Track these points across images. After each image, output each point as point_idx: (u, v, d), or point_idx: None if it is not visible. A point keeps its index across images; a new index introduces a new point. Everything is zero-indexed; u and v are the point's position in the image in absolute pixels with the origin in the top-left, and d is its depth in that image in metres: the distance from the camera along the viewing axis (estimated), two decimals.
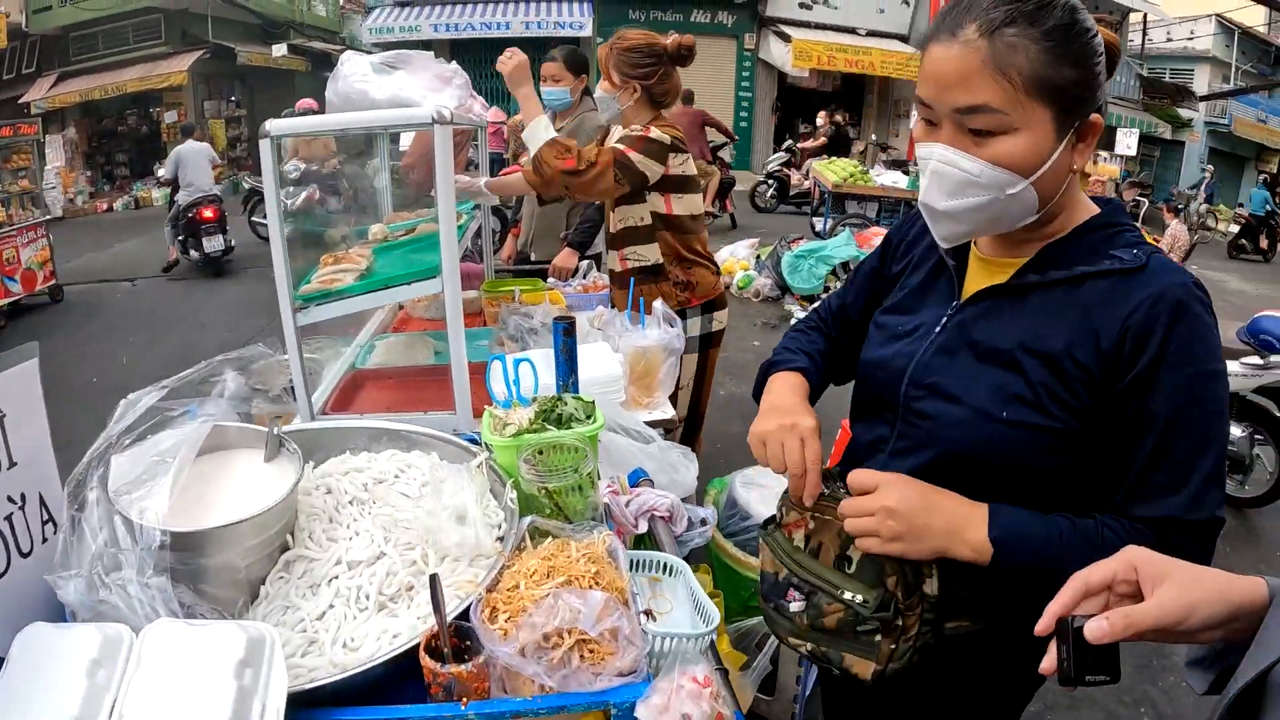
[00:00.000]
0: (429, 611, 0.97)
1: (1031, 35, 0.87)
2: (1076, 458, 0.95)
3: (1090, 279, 0.93)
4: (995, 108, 0.87)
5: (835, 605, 1.01)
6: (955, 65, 0.88)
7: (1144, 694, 2.71)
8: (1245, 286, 11.41)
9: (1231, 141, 20.77)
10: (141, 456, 1.01)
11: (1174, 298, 0.88)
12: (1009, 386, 0.95)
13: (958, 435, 0.98)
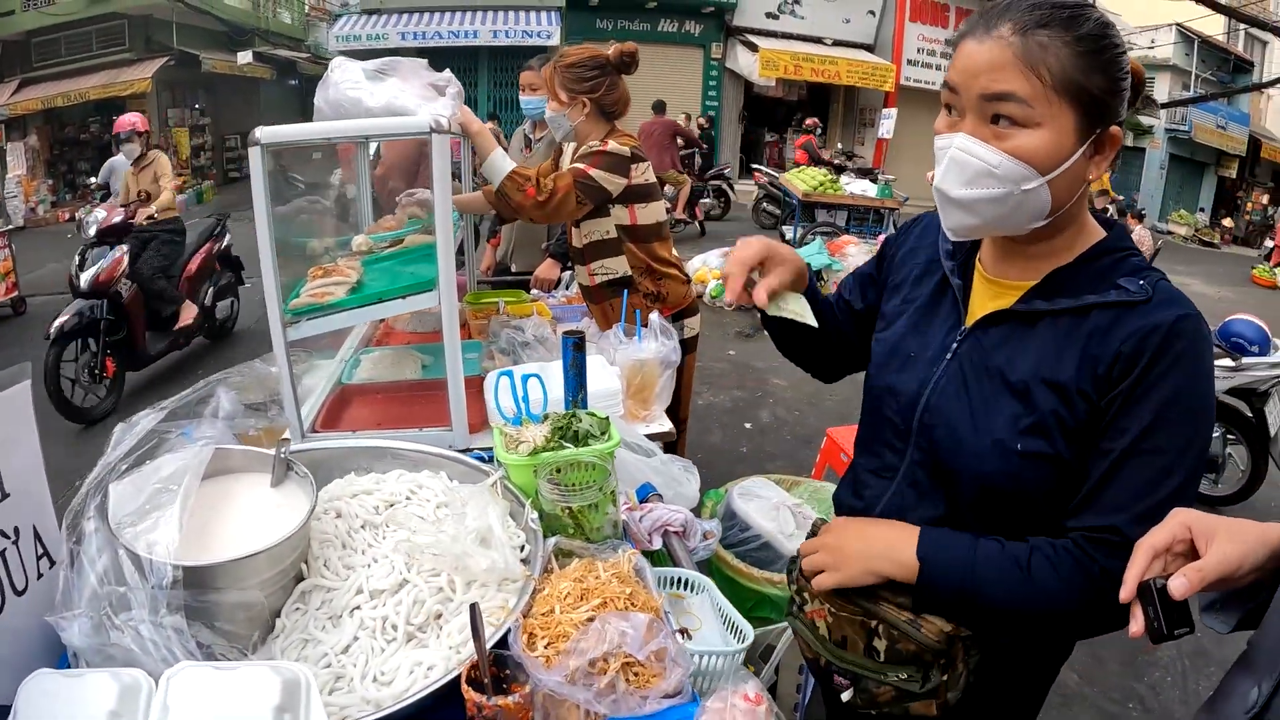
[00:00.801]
0: (460, 641, 0.92)
1: (1064, 39, 0.88)
2: (1074, 485, 0.95)
3: (1096, 308, 0.93)
4: (1021, 98, 0.88)
5: (885, 688, 1.01)
6: (987, 56, 0.89)
7: (1131, 690, 2.75)
8: (1207, 290, 11.81)
9: (1191, 148, 21.43)
10: (142, 484, 0.94)
11: (1166, 329, 0.89)
12: (1023, 418, 0.94)
13: (976, 467, 0.97)
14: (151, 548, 0.84)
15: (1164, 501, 0.87)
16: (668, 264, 2.52)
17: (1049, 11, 0.89)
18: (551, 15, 14.60)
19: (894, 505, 1.07)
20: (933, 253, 1.13)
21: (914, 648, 0.97)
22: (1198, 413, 0.90)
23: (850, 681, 1.03)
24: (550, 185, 2.21)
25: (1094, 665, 2.85)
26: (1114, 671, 2.84)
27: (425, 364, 2.16)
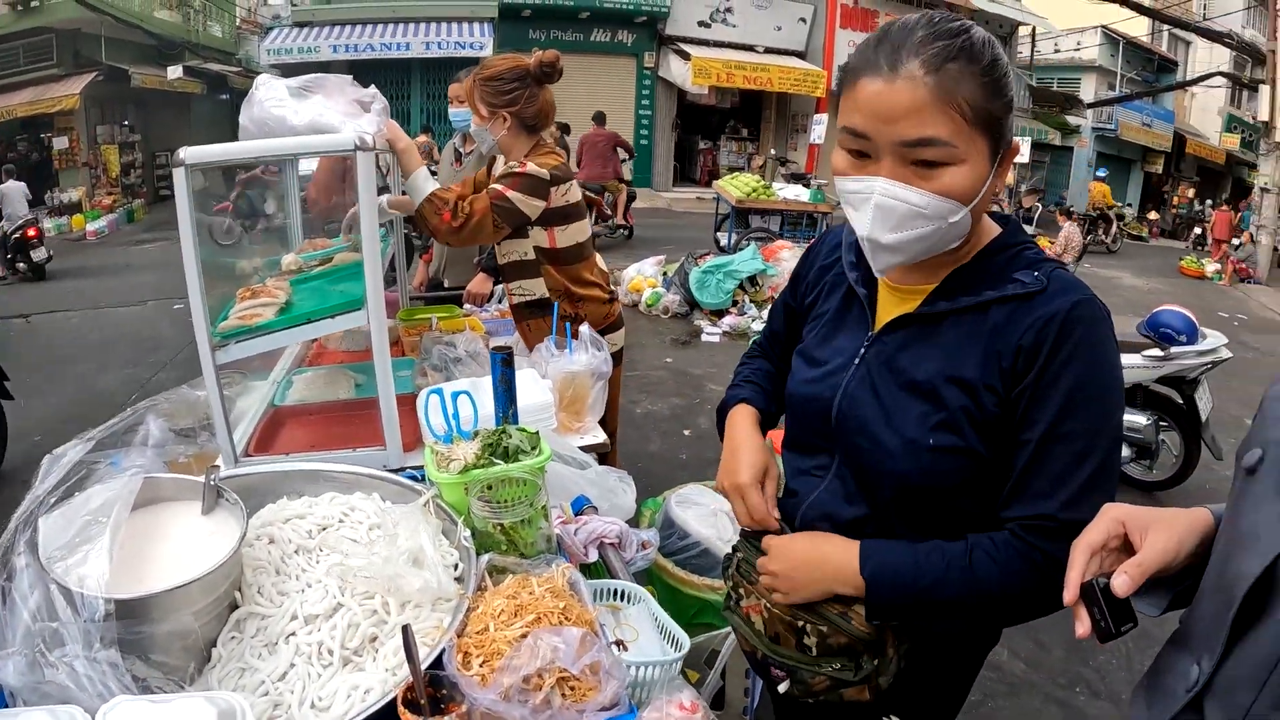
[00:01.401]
0: (396, 663, 0.94)
1: (972, 71, 0.89)
2: (992, 475, 1.00)
3: (996, 303, 0.98)
4: (945, 140, 0.89)
5: (820, 678, 1.06)
6: (904, 99, 0.88)
7: (1077, 675, 2.86)
8: (1136, 282, 12.33)
9: (1118, 145, 22.43)
10: (72, 517, 0.93)
11: (1062, 317, 0.93)
12: (931, 416, 0.98)
13: (892, 466, 1.01)
14: (83, 581, 0.84)
15: (1087, 482, 0.92)
16: (589, 284, 2.52)
17: (949, 43, 0.89)
18: (484, 26, 14.52)
19: (820, 502, 1.12)
20: (839, 268, 1.17)
21: (845, 640, 1.02)
22: (1105, 393, 0.94)
23: (787, 673, 1.08)
24: (467, 209, 2.17)
25: (1039, 652, 2.96)
26: (1059, 658, 2.95)
27: (358, 383, 2.15)
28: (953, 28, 0.91)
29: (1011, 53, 20.88)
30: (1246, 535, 0.72)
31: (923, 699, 1.17)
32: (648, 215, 13.71)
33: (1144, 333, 4.23)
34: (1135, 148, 22.66)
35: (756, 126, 18.58)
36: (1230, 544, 0.74)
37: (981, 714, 2.59)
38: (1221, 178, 24.88)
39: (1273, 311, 11.32)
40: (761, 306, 7.28)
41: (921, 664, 1.09)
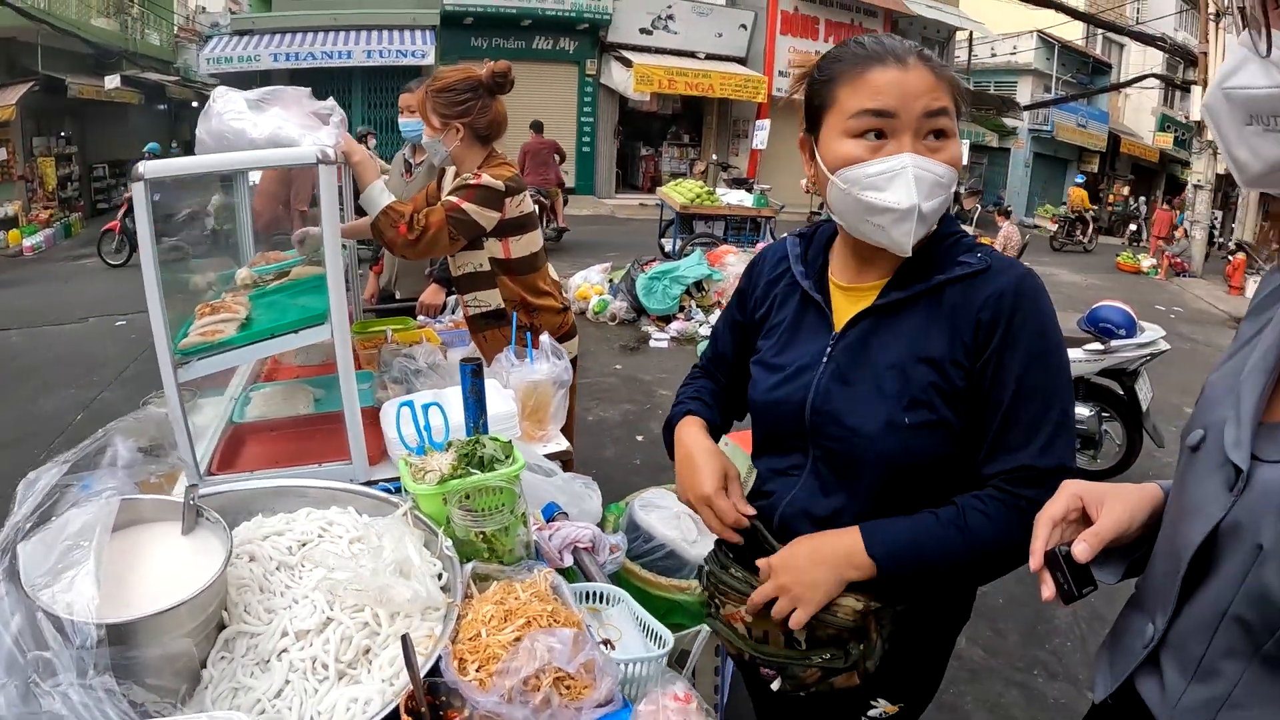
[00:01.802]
0: (392, 673, 0.96)
1: (941, 64, 1.06)
2: (966, 446, 1.08)
3: (947, 285, 1.08)
4: (950, 111, 1.04)
5: (811, 670, 1.11)
6: (918, 79, 1.02)
7: (1034, 658, 2.98)
8: (1075, 278, 12.82)
9: (1054, 146, 23.28)
10: (50, 543, 0.92)
11: (1012, 290, 1.04)
12: (905, 395, 1.06)
13: (874, 449, 1.08)
14: (71, 608, 0.83)
15: (1054, 430, 1.03)
16: (543, 294, 2.54)
17: (919, 44, 1.07)
18: (426, 34, 14.41)
19: (798, 500, 1.17)
20: (788, 278, 1.24)
21: (832, 631, 1.08)
22: (1055, 351, 1.06)
23: (776, 671, 1.13)
24: (423, 222, 2.17)
25: (997, 639, 3.07)
26: (1016, 643, 3.06)
27: (318, 397, 2.13)
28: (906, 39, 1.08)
29: (949, 57, 21.56)
30: (1191, 506, 0.80)
31: (905, 680, 1.23)
32: (591, 222, 13.76)
33: (1085, 328, 4.38)
34: (1071, 148, 23.60)
35: (698, 132, 18.80)
36: (1177, 515, 0.82)
37: (945, 700, 2.68)
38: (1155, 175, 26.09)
39: (1207, 303, 11.96)
40: (708, 311, 7.38)
41: (901, 646, 1.15)
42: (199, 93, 18.12)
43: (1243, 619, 0.73)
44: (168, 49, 17.94)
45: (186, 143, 19.08)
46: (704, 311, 7.40)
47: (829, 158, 1.07)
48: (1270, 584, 0.69)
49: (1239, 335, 0.88)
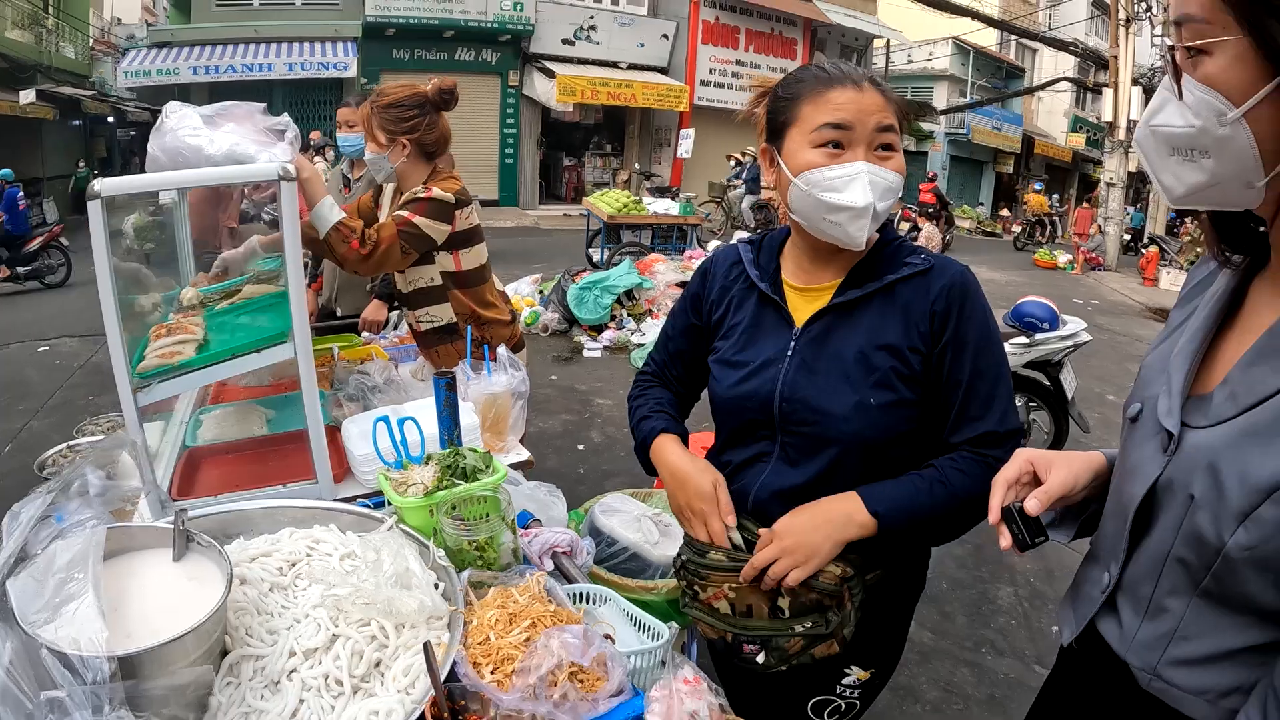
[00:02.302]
0: (407, 683, 0.96)
1: (888, 88, 1.21)
2: (923, 421, 1.23)
3: (898, 284, 1.22)
4: (896, 129, 1.19)
5: (794, 640, 1.20)
6: (871, 99, 1.17)
7: (981, 637, 3.12)
8: (995, 275, 13.30)
9: (970, 148, 24.29)
10: (41, 577, 0.89)
11: (958, 284, 1.21)
12: (869, 379, 1.20)
13: (845, 429, 1.20)
14: (78, 643, 0.81)
15: (1007, 400, 1.21)
16: (493, 306, 2.55)
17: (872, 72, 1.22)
18: (348, 46, 14.13)
19: (769, 483, 1.28)
20: (742, 281, 1.36)
21: (815, 596, 1.18)
22: (994, 331, 1.23)
23: (760, 645, 1.21)
24: (375, 237, 2.15)
25: (944, 622, 3.19)
26: (963, 624, 3.19)
27: (269, 418, 2.08)
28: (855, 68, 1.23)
29: (867, 64, 22.29)
30: (1133, 468, 0.92)
31: (875, 647, 1.34)
32: (516, 234, 13.65)
33: (1009, 323, 4.58)
34: (986, 150, 24.71)
35: (620, 142, 18.90)
36: (1121, 477, 0.95)
37: (899, 683, 2.78)
38: (1069, 174, 27.51)
39: (1122, 295, 12.70)
40: (640, 320, 7.45)
41: (871, 614, 1.26)
42: (116, 107, 17.27)
43: (1183, 560, 0.85)
44: (83, 63, 17.09)
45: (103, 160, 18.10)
46: (635, 320, 7.46)
47: (792, 164, 1.20)
48: (1203, 527, 0.81)
49: (1169, 322, 1.00)
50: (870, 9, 21.07)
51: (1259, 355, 0.83)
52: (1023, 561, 3.73)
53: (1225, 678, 0.84)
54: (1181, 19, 0.77)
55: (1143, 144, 0.84)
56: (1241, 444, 0.80)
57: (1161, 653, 0.88)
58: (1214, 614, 0.84)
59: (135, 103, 17.89)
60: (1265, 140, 0.75)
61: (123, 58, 14.35)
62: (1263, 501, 0.76)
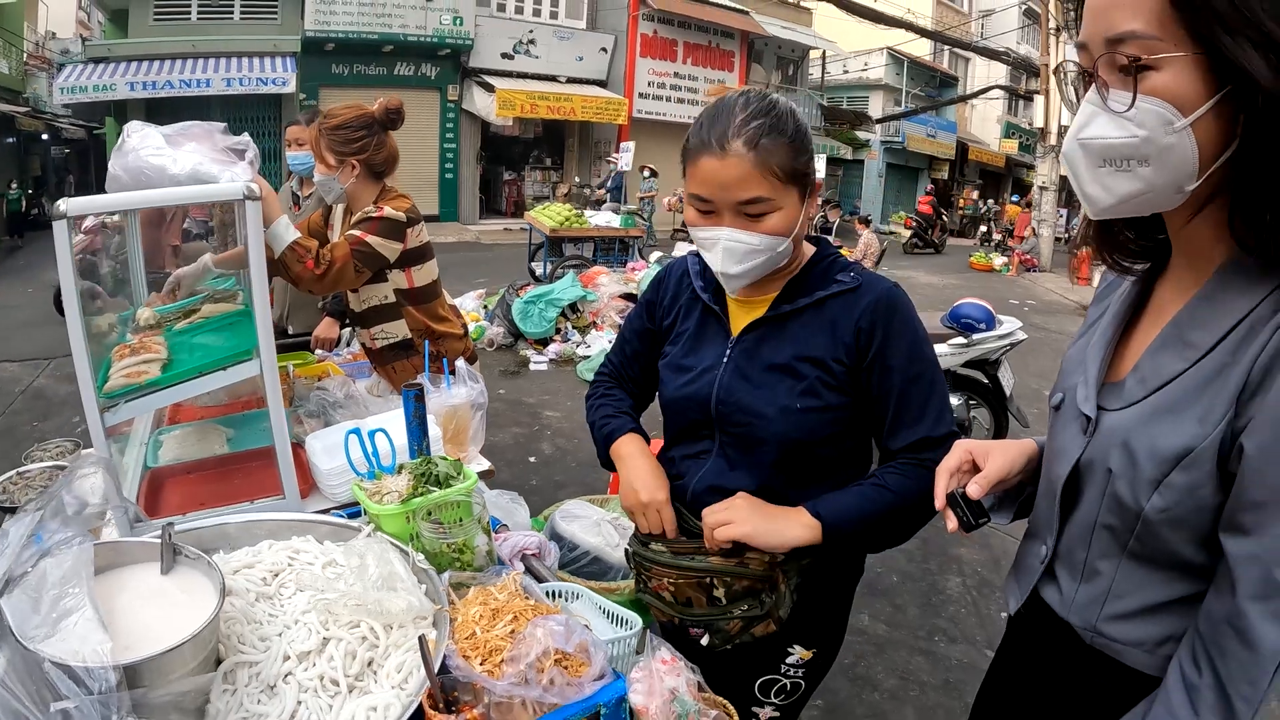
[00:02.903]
0: (400, 679, 1.01)
1: (783, 140, 1.21)
2: (847, 424, 1.33)
3: (828, 300, 1.31)
4: (767, 197, 1.21)
5: (734, 622, 1.31)
6: (734, 172, 1.20)
7: (934, 626, 3.26)
8: (933, 279, 13.71)
9: (906, 156, 24.97)
10: (35, 594, 0.91)
11: (883, 301, 1.28)
12: (795, 386, 1.29)
13: (773, 429, 1.30)
14: (81, 656, 0.83)
15: (940, 404, 1.29)
16: (446, 320, 2.59)
17: (761, 122, 1.20)
18: (286, 61, 13.88)
19: (707, 477, 1.38)
20: (689, 292, 1.47)
21: (747, 583, 1.28)
22: (923, 340, 1.30)
23: (704, 629, 1.32)
24: (329, 256, 2.18)
25: (897, 614, 3.32)
26: (915, 615, 3.32)
27: (229, 436, 2.08)
28: (763, 106, 1.23)
29: (804, 75, 22.63)
30: (1058, 450, 1.02)
31: (815, 627, 1.43)
32: (458, 249, 13.56)
33: (947, 324, 4.77)
34: (921, 157, 25.44)
35: (560, 155, 18.95)
36: (1049, 459, 1.05)
37: (857, 673, 2.90)
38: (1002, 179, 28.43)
39: (1056, 294, 13.21)
40: (585, 332, 7.51)
41: (808, 597, 1.36)
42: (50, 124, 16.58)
43: (1109, 526, 0.95)
44: (17, 78, 16.44)
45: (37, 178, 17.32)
46: (580, 333, 7.52)
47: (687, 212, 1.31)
48: (1123, 496, 0.91)
49: (1087, 319, 1.10)
50: (806, 21, 21.61)
51: (1164, 343, 0.92)
52: (970, 552, 3.91)
53: (1159, 628, 0.93)
54: (1123, 36, 0.80)
55: (1071, 157, 0.89)
56: (1150, 421, 0.89)
57: (1099, 610, 0.98)
58: (1142, 572, 0.93)
59: (70, 120, 17.24)
60: (1204, 146, 0.80)
61: (58, 73, 13.93)
62: (1172, 469, 0.86)
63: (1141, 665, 0.95)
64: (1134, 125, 0.81)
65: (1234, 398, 0.83)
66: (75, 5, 19.64)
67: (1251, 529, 0.81)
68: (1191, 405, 0.86)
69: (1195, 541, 0.88)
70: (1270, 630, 0.81)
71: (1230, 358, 0.84)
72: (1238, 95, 0.78)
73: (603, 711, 1.00)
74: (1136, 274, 1.03)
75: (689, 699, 1.00)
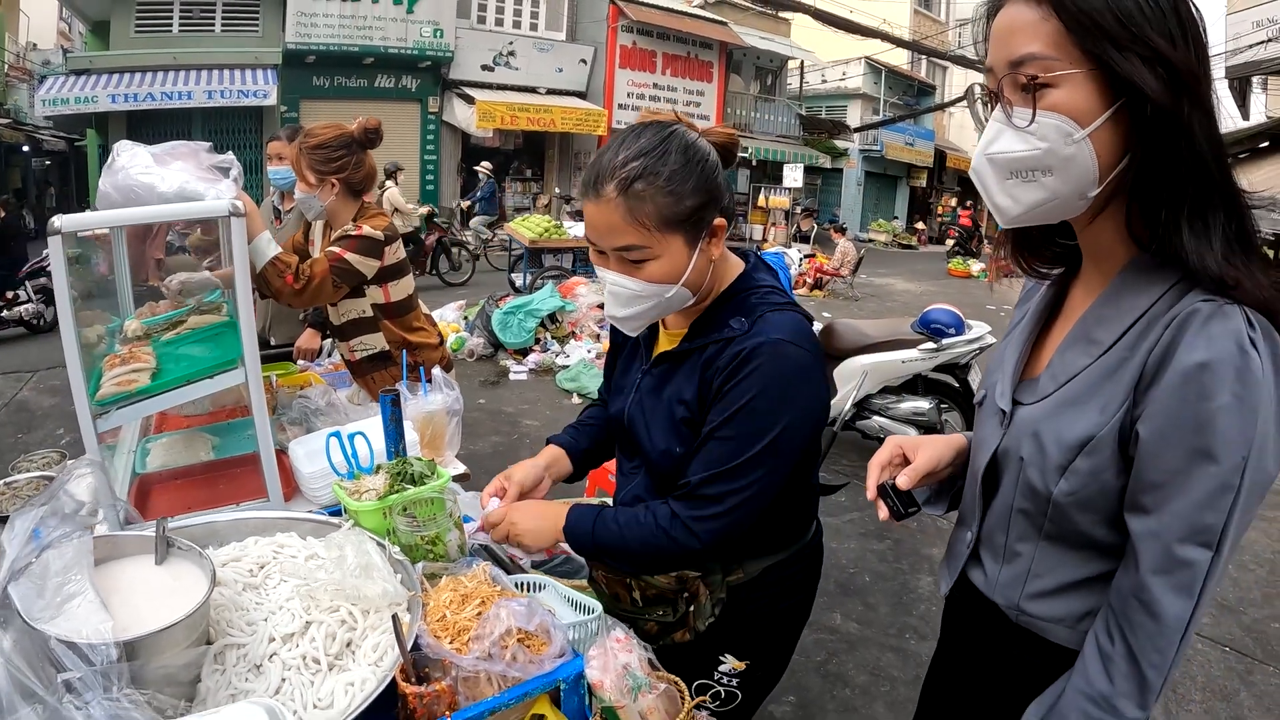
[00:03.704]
0: (376, 658, 1.10)
1: (656, 186, 1.17)
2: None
3: (711, 344, 1.27)
4: (639, 245, 1.20)
5: (650, 623, 1.42)
6: (605, 219, 1.19)
7: (905, 624, 3.36)
8: (910, 286, 13.84)
9: (884, 164, 25.07)
10: (39, 581, 0.99)
11: (748, 352, 1.21)
12: (671, 428, 1.32)
13: (658, 465, 1.36)
14: (84, 634, 0.92)
15: (727, 471, 1.22)
16: (421, 330, 2.70)
17: (637, 164, 1.17)
18: (268, 73, 13.94)
19: (631, 492, 1.45)
20: None
21: (656, 590, 1.39)
22: (767, 412, 1.21)
23: (630, 625, 1.39)
24: (308, 272, 2.29)
25: (868, 612, 3.42)
26: (886, 614, 3.42)
27: (215, 444, 2.16)
28: (645, 145, 1.19)
29: (782, 84, 22.75)
30: (979, 443, 1.11)
31: (747, 641, 1.45)
32: None
33: (917, 330, 4.86)
34: (900, 165, 25.60)
35: (540, 166, 19.04)
36: (974, 451, 1.14)
37: (829, 670, 3.00)
38: None
39: None
40: (564, 343, 7.60)
41: (738, 612, 1.40)
42: (31, 136, 16.46)
43: (1024, 510, 1.02)
44: None
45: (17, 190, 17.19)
46: (559, 343, 7.61)
47: None
48: (1033, 480, 0.98)
49: (1011, 321, 1.18)
50: (784, 31, 21.86)
51: (1072, 341, 0.99)
52: (939, 551, 4.02)
53: (1077, 605, 1.00)
54: (1024, 59, 0.87)
55: (980, 171, 0.95)
56: (1056, 413, 0.96)
57: (1021, 590, 1.05)
58: (1058, 552, 1.00)
59: (51, 131, 17.10)
60: (1103, 155, 0.86)
61: (39, 85, 13.91)
62: (1076, 456, 0.93)
63: (1064, 640, 1.02)
64: (1036, 139, 0.87)
65: (1131, 388, 0.89)
66: (56, 16, 19.54)
67: (1152, 508, 0.88)
68: (1094, 396, 0.93)
69: (1104, 522, 0.94)
70: (1172, 601, 0.87)
71: (1129, 352, 0.90)
72: (1131, 107, 0.84)
73: (563, 686, 1.10)
74: (1052, 278, 1.10)
75: (640, 674, 1.10)
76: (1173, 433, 0.85)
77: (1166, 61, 0.82)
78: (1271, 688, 3.01)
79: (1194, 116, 0.84)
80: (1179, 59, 0.83)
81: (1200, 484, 0.85)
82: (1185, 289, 0.88)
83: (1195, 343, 0.83)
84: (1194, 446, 0.84)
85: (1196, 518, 0.86)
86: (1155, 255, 0.90)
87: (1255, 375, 0.82)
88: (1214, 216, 0.86)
